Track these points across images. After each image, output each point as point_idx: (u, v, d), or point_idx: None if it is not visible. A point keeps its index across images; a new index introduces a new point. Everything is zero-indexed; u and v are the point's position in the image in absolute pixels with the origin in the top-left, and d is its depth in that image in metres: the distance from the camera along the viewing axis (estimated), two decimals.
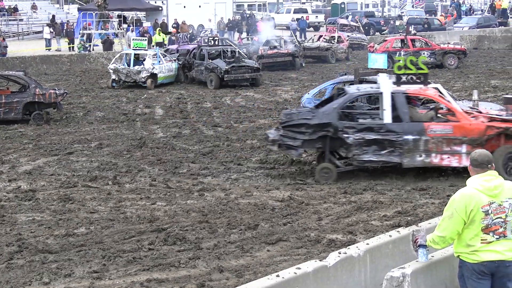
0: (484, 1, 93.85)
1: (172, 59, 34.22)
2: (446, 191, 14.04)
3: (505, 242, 6.92)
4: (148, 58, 32.54)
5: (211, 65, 31.75)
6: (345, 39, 44.24)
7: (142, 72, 31.69)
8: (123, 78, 31.97)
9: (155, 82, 31.93)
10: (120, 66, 32.41)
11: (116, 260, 10.58)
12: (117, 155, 18.22)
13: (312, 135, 15.13)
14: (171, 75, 33.21)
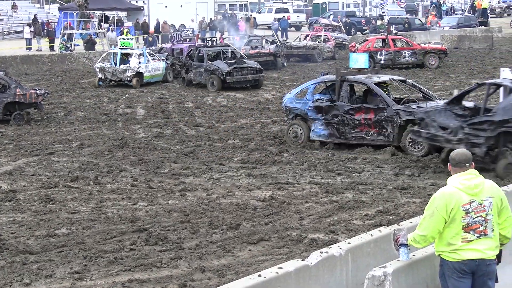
0: (465, 1, 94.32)
1: (160, 58, 34.15)
2: (427, 190, 14.09)
3: (485, 240, 6.95)
4: (134, 57, 32.51)
5: (211, 66, 31.14)
6: (331, 38, 44.49)
7: (127, 71, 31.77)
8: (109, 77, 32.06)
9: (141, 81, 31.96)
10: (106, 65, 32.48)
11: (97, 261, 10.55)
12: (99, 155, 18.16)
13: (493, 132, 14.93)
14: (158, 74, 33.16)
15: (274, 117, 23.30)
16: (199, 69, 31.65)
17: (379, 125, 17.69)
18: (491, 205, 6.95)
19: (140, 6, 62.75)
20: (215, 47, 34.19)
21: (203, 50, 32.32)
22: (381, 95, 17.92)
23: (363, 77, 18.88)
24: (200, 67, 31.62)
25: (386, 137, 17.65)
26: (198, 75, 31.68)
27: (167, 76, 33.71)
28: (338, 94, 18.42)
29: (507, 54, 44.16)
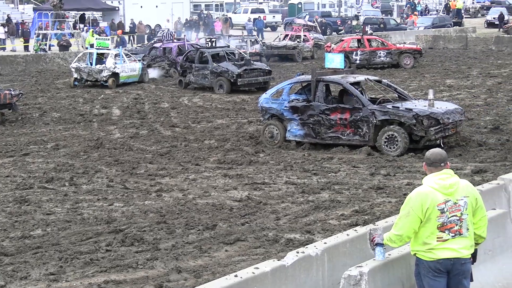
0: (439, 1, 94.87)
1: (136, 59, 33.94)
2: (403, 189, 14.15)
3: (460, 240, 6.99)
4: (110, 57, 32.33)
5: (219, 69, 30.03)
6: (310, 38, 44.71)
7: (103, 71, 31.59)
8: (85, 77, 31.85)
9: (116, 82, 31.80)
10: (82, 65, 32.28)
11: (73, 262, 10.50)
12: (74, 156, 18.08)
13: None
14: (134, 74, 32.97)
15: (250, 117, 23.31)
16: (202, 71, 30.62)
17: (355, 125, 17.75)
18: (466, 205, 7.00)
19: (116, 6, 62.56)
20: (217, 48, 33.50)
21: (207, 52, 31.35)
22: (356, 95, 17.98)
23: (339, 77, 18.93)
24: (203, 69, 30.61)
25: (362, 137, 17.71)
26: (201, 77, 30.69)
27: (143, 77, 33.51)
28: (314, 94, 18.45)
29: (481, 54, 44.47)
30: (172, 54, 36.53)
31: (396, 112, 17.30)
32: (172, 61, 36.22)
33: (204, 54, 31.29)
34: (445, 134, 17.26)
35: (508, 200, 10.62)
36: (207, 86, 30.56)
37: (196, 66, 30.99)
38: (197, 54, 31.64)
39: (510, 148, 17.59)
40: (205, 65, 30.77)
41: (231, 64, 30.25)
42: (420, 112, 17.08)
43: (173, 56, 36.39)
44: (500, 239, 9.09)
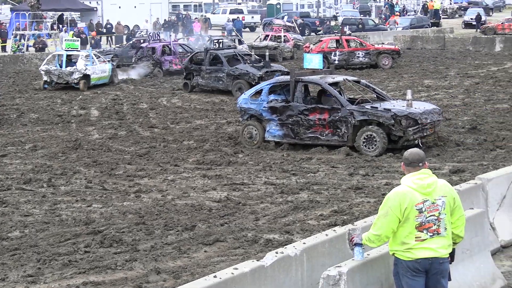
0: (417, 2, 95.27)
1: (105, 60, 33.59)
2: (381, 189, 14.19)
3: (438, 239, 7.03)
4: (81, 59, 31.83)
5: (237, 71, 29.01)
6: (290, 38, 44.81)
7: (74, 73, 31.04)
8: (55, 80, 31.28)
9: (88, 84, 31.31)
10: (52, 68, 31.72)
11: (51, 264, 10.46)
12: (52, 157, 18.00)
13: None
14: (104, 76, 32.62)
15: (229, 118, 23.30)
16: (215, 74, 29.62)
17: (334, 125, 17.79)
18: (444, 204, 7.03)
19: (94, 7, 62.29)
20: (228, 49, 32.88)
21: (220, 54, 30.47)
22: (335, 95, 18.02)
23: (317, 77, 18.96)
24: (217, 72, 29.59)
25: (341, 137, 17.76)
26: (213, 80, 29.64)
27: (113, 78, 33.12)
28: (293, 95, 18.48)
29: (459, 54, 44.71)
30: (157, 54, 36.47)
31: (375, 112, 17.36)
32: (156, 61, 36.19)
33: (216, 56, 30.44)
34: (423, 134, 17.34)
35: (486, 200, 10.70)
36: (221, 89, 29.50)
37: (207, 69, 29.91)
38: (206, 55, 30.55)
39: (487, 148, 17.70)
40: (219, 67, 29.78)
41: (250, 66, 29.34)
42: (399, 112, 17.14)
43: (158, 56, 36.35)
44: (477, 239, 9.14)
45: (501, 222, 10.87)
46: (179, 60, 36.83)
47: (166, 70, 36.52)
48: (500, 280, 9.30)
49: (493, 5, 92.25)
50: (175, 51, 37.43)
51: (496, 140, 18.58)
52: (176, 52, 37.44)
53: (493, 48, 46.55)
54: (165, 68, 36.54)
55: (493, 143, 18.18)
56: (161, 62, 36.42)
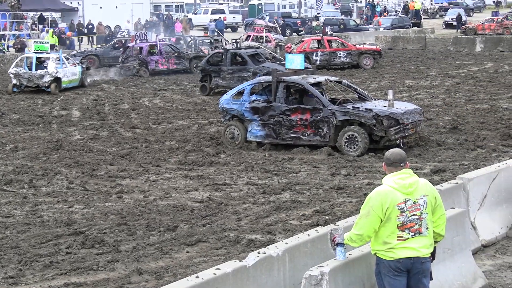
0: (398, 2, 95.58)
1: (75, 62, 32.81)
2: (363, 189, 14.22)
3: (420, 239, 7.06)
4: (51, 61, 30.95)
5: (264, 70, 28.06)
6: (272, 39, 44.76)
7: (45, 76, 30.14)
8: (24, 83, 30.27)
9: (59, 87, 30.47)
10: (21, 71, 30.63)
11: (32, 265, 10.41)
12: (33, 158, 17.92)
13: None
14: (75, 79, 31.79)
15: (211, 118, 23.29)
16: (238, 74, 28.97)
17: (315, 125, 17.82)
18: (426, 204, 7.06)
19: (75, 7, 62.06)
20: (250, 48, 32.30)
21: (243, 53, 29.94)
22: (317, 95, 18.05)
23: (299, 78, 18.98)
24: (241, 72, 28.97)
25: (322, 137, 17.79)
26: (237, 80, 28.32)
27: (83, 81, 32.35)
28: (275, 95, 18.49)
29: (440, 54, 44.91)
30: (143, 53, 36.39)
31: (356, 112, 17.40)
32: (142, 60, 36.10)
33: (238, 56, 29.92)
34: (404, 134, 17.40)
35: (467, 199, 10.76)
36: None
37: (229, 69, 29.30)
38: (227, 56, 29.94)
39: (468, 148, 17.79)
40: (243, 66, 29.22)
41: (277, 65, 28.43)
42: (380, 112, 17.20)
43: (143, 56, 36.25)
44: (459, 238, 9.18)
45: (482, 222, 10.92)
46: (165, 60, 36.84)
47: (152, 70, 36.45)
48: (481, 279, 9.34)
49: (474, 6, 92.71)
50: (162, 51, 37.35)
51: (477, 140, 18.67)
52: (163, 52, 37.35)
53: (473, 48, 46.80)
54: (151, 68, 36.47)
55: (474, 143, 18.27)
56: (147, 62, 36.35)
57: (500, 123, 21.00)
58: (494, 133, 19.57)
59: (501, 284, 9.53)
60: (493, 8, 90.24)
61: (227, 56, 29.88)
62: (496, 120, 21.43)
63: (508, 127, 20.32)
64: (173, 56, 37.68)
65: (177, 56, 37.81)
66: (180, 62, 37.68)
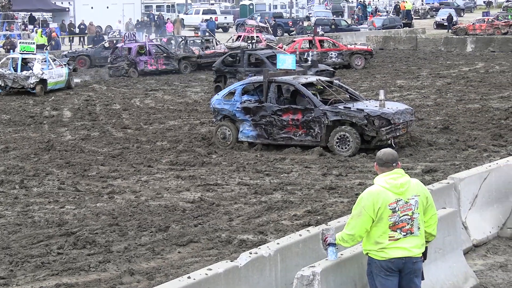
0: (389, 3, 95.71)
1: (62, 63, 32.40)
2: (355, 189, 14.24)
3: (412, 239, 7.07)
4: (37, 62, 30.43)
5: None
6: (263, 39, 44.72)
7: (30, 78, 29.62)
8: (9, 84, 29.83)
9: (44, 89, 30.11)
10: (6, 71, 30.24)
11: (24, 266, 10.39)
12: (24, 159, 17.88)
13: None
14: (61, 80, 31.41)
15: (202, 119, 23.27)
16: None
17: (307, 125, 17.83)
18: (417, 204, 7.07)
19: (66, 7, 61.95)
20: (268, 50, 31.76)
21: (261, 54, 29.60)
22: (308, 95, 18.06)
23: (291, 78, 18.99)
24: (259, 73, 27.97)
25: (314, 137, 17.80)
26: None
27: (70, 82, 31.96)
28: (266, 95, 18.50)
29: (431, 55, 44.99)
30: (132, 54, 36.31)
31: (348, 112, 17.42)
32: (131, 61, 36.03)
33: (256, 57, 29.44)
34: (396, 134, 17.43)
35: (458, 199, 10.78)
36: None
37: (246, 70, 28.42)
38: (244, 56, 29.66)
39: (459, 148, 17.83)
40: (261, 68, 27.92)
41: (299, 66, 27.45)
42: (371, 112, 17.22)
43: (132, 56, 36.17)
44: (450, 238, 9.20)
45: (473, 221, 10.95)
46: (154, 60, 36.76)
47: (141, 70, 36.39)
48: (472, 279, 9.37)
49: (464, 6, 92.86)
50: (151, 51, 37.25)
51: (468, 140, 18.72)
52: (152, 52, 37.25)
53: (464, 48, 46.91)
54: (140, 68, 36.43)
55: (465, 143, 18.31)
56: (136, 62, 36.32)
57: (491, 123, 21.06)
58: (485, 133, 19.62)
59: (492, 283, 9.55)
60: (484, 8, 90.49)
61: (244, 57, 29.50)
62: (487, 120, 21.49)
63: (499, 127, 20.39)
64: (162, 56, 37.56)
65: (166, 56, 37.71)
66: (169, 63, 37.63)
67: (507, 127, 20.34)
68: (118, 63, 36.17)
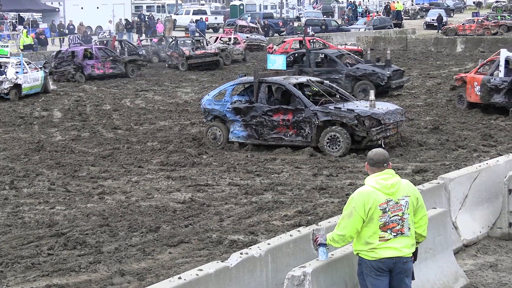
0: (379, 3, 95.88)
1: (37, 66, 31.14)
2: (345, 190, 14.26)
3: (402, 239, 7.08)
4: (11, 66, 28.89)
5: (358, 71, 27.34)
6: (242, 40, 44.50)
7: (4, 83, 28.18)
8: None
9: (19, 94, 28.71)
10: None
11: (14, 267, 10.37)
12: (14, 159, 17.84)
13: None
14: (37, 85, 30.02)
15: (193, 119, 23.27)
16: (327, 76, 26.71)
17: (297, 126, 17.84)
18: (407, 204, 7.09)
19: (56, 8, 61.79)
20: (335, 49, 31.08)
21: (330, 54, 28.91)
22: (298, 96, 18.07)
23: (281, 78, 19.01)
24: (330, 73, 27.50)
25: (305, 137, 17.81)
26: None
27: (46, 86, 30.63)
28: (256, 96, 18.50)
29: (421, 55, 45.07)
30: (78, 57, 35.18)
31: (338, 113, 17.44)
32: (78, 65, 34.92)
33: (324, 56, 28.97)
34: (386, 135, 17.45)
35: (448, 199, 10.81)
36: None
37: (315, 71, 27.72)
38: (309, 56, 28.84)
39: (449, 148, 17.87)
40: (332, 68, 28.08)
41: (373, 66, 27.79)
42: (362, 112, 17.24)
43: (79, 60, 35.04)
44: (440, 238, 9.23)
45: (464, 221, 10.98)
46: (101, 64, 35.62)
47: (88, 74, 35.12)
48: (463, 279, 9.39)
49: (454, 6, 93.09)
50: (97, 55, 35.93)
51: (458, 140, 18.77)
52: (98, 56, 35.90)
53: (454, 49, 47.02)
54: (87, 72, 35.12)
55: (455, 143, 18.36)
56: (83, 66, 35.09)
57: (481, 123, 21.13)
58: (475, 133, 19.68)
59: (482, 283, 9.58)
60: (474, 8, 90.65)
61: (310, 57, 28.78)
62: (477, 120, 21.56)
63: (489, 127, 20.46)
64: (109, 60, 36.22)
65: (113, 60, 36.38)
66: (116, 66, 36.25)
67: (497, 127, 20.42)
68: (64, 67, 34.89)
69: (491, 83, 22.22)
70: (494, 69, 22.79)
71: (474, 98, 23.12)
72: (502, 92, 21.95)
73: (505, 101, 21.92)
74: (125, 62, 36.74)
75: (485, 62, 24.32)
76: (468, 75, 24.03)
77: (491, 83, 22.22)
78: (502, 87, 21.91)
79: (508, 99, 21.84)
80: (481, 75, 23.22)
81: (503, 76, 22.12)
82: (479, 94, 22.73)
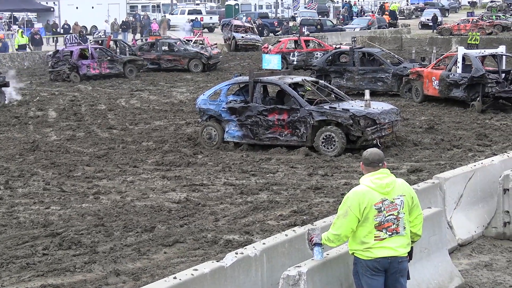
0: (374, 3, 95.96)
1: None
2: (340, 189, 14.27)
3: (397, 238, 7.09)
4: None
5: (405, 71, 26.99)
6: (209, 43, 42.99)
7: None
8: None
9: None
10: None
11: (9, 267, 10.35)
12: (9, 159, 17.81)
13: None
14: None
15: (188, 119, 23.25)
16: (372, 75, 27.68)
17: (293, 125, 17.84)
18: (403, 204, 7.09)
19: (51, 7, 61.74)
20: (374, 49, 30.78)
21: (375, 53, 28.67)
22: (294, 96, 18.07)
23: (276, 78, 19.01)
24: (376, 72, 27.75)
25: (300, 137, 17.82)
26: (369, 81, 27.72)
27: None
28: (252, 95, 18.50)
29: (416, 55, 45.02)
30: (73, 57, 34.87)
31: (333, 112, 17.45)
32: (73, 64, 34.67)
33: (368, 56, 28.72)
34: (381, 134, 17.47)
35: (443, 199, 10.82)
36: (381, 90, 27.71)
37: (360, 69, 28.01)
38: (353, 55, 28.69)
39: (444, 148, 17.90)
40: (378, 67, 28.00)
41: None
42: (357, 112, 17.25)
43: (74, 60, 34.76)
44: (435, 237, 9.24)
45: (459, 221, 11.00)
46: (97, 64, 35.32)
47: (84, 74, 34.81)
48: (458, 278, 9.40)
49: (449, 6, 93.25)
50: (94, 55, 35.64)
51: (453, 140, 18.79)
52: (95, 56, 35.61)
53: (449, 48, 46.97)
54: (82, 72, 34.81)
55: (450, 143, 18.39)
56: (78, 66, 34.82)
57: (476, 123, 21.17)
58: (470, 133, 19.71)
59: (477, 283, 9.59)
60: (468, 8, 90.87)
61: (354, 56, 28.56)
62: (471, 120, 21.59)
63: (484, 126, 20.49)
64: (106, 60, 35.83)
65: (110, 60, 35.96)
66: (114, 66, 35.89)
67: (492, 127, 20.45)
68: (60, 67, 34.73)
69: (450, 78, 23.80)
70: (451, 65, 24.35)
71: (432, 92, 24.81)
72: (461, 87, 23.43)
73: (464, 95, 23.49)
74: (124, 62, 36.37)
75: (441, 59, 25.87)
76: (424, 69, 25.39)
77: (450, 78, 23.80)
78: (462, 82, 23.39)
79: (468, 93, 23.30)
80: (438, 70, 24.69)
81: (461, 72, 23.62)
82: (438, 88, 24.36)
